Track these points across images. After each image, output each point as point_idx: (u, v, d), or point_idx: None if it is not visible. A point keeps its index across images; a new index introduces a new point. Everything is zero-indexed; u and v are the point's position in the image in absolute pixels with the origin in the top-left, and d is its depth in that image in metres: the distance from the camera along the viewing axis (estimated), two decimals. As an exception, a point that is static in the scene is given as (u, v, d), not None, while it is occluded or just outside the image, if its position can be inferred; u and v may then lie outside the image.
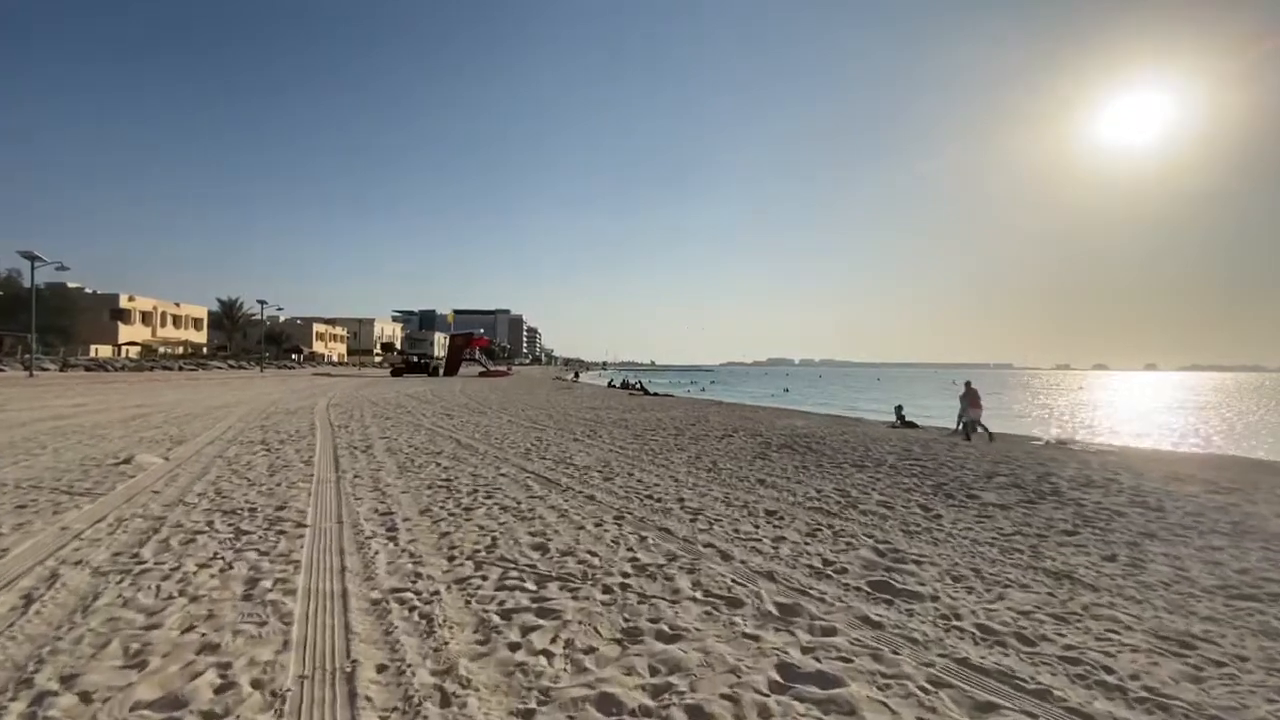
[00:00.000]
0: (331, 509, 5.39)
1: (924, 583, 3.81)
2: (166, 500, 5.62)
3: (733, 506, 5.76)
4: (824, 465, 8.57)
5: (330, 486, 6.36)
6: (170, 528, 4.71)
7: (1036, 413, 32.10)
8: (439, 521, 5.02)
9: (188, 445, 9.17)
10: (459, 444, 9.94)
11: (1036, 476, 8.05)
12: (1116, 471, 8.78)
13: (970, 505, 6.18)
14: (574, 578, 3.75)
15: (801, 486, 6.93)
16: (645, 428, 13.40)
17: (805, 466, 8.40)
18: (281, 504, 5.53)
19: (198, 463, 7.68)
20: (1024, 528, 5.30)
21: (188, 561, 3.93)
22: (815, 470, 8.13)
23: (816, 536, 4.81)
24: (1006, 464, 9.26)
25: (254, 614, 3.14)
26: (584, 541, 4.52)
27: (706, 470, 7.86)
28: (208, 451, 8.63)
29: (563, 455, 8.94)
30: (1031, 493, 6.92)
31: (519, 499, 5.89)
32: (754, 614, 3.25)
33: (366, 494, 6.03)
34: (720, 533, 4.84)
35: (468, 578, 3.72)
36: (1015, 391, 61.90)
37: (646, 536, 4.66)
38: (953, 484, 7.35)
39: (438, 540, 4.49)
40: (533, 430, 12.33)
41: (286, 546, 4.28)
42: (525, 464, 8.04)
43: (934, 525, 5.30)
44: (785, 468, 8.26)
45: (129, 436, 9.96)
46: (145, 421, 12.26)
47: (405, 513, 5.30)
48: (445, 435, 11.03)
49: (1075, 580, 3.95)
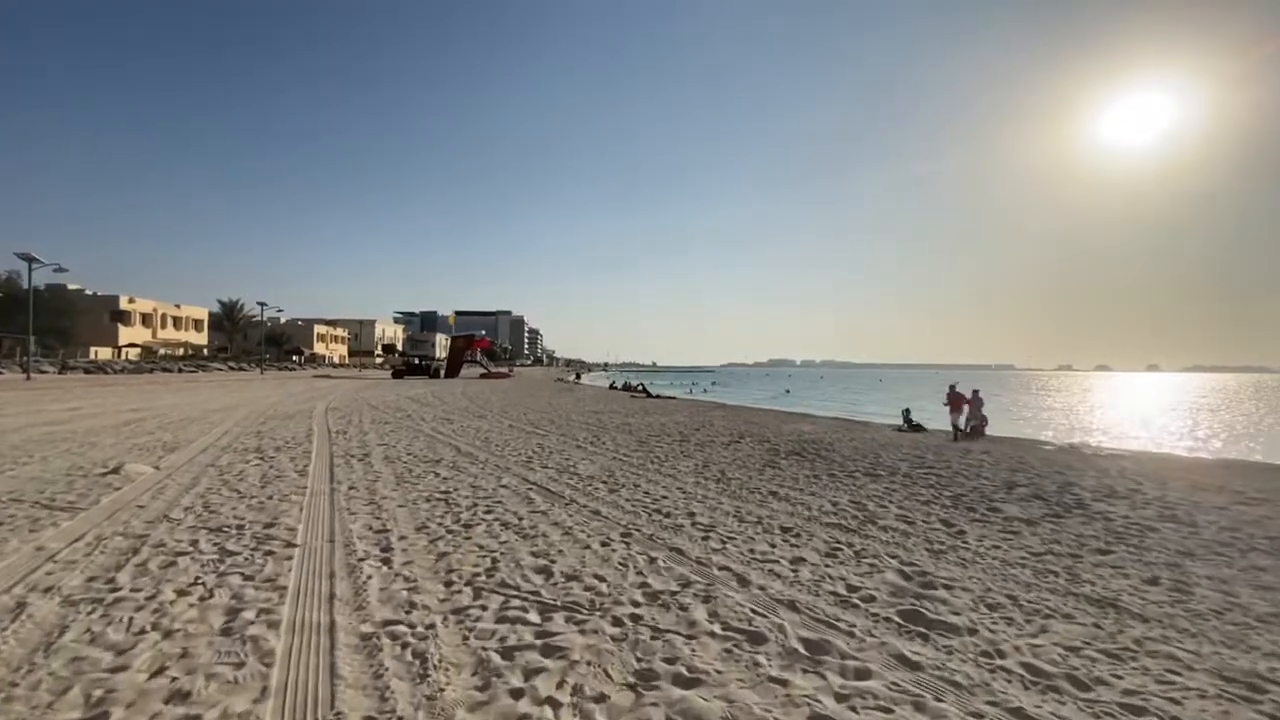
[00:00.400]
0: (324, 525, 5.12)
1: (958, 612, 3.53)
2: (151, 515, 5.36)
3: (745, 522, 5.48)
4: (836, 474, 8.29)
5: (324, 499, 6.09)
6: (151, 548, 4.44)
7: (1042, 416, 31.79)
8: (436, 540, 4.75)
9: (180, 453, 8.90)
10: (459, 451, 9.67)
11: (1057, 486, 7.76)
12: (1138, 481, 8.48)
13: (993, 520, 5.90)
14: (581, 607, 3.48)
15: (815, 499, 6.65)
16: (649, 433, 13.12)
17: (817, 476, 8.11)
18: (272, 520, 5.26)
19: (188, 472, 7.41)
20: (1054, 546, 5.02)
21: (166, 588, 3.66)
22: (828, 480, 7.85)
23: (837, 557, 4.53)
24: (1023, 472, 8.97)
25: (232, 653, 2.87)
26: (590, 563, 4.24)
27: (715, 480, 7.58)
28: (200, 460, 8.37)
29: (566, 464, 8.66)
30: (1055, 505, 6.64)
31: (520, 514, 5.61)
32: (779, 652, 2.97)
33: (361, 508, 5.76)
34: (735, 553, 4.56)
35: (466, 608, 3.44)
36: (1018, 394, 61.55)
37: (656, 558, 4.38)
38: (972, 495, 7.07)
39: (435, 562, 4.22)
40: (534, 436, 12.06)
41: (273, 570, 4.00)
42: (527, 474, 7.77)
43: (959, 543, 5.01)
44: (796, 477, 7.97)
45: (121, 444, 9.70)
46: (139, 427, 12.00)
47: (401, 530, 5.02)
48: (445, 442, 10.76)
49: (1120, 609, 3.67)
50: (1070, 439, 19.57)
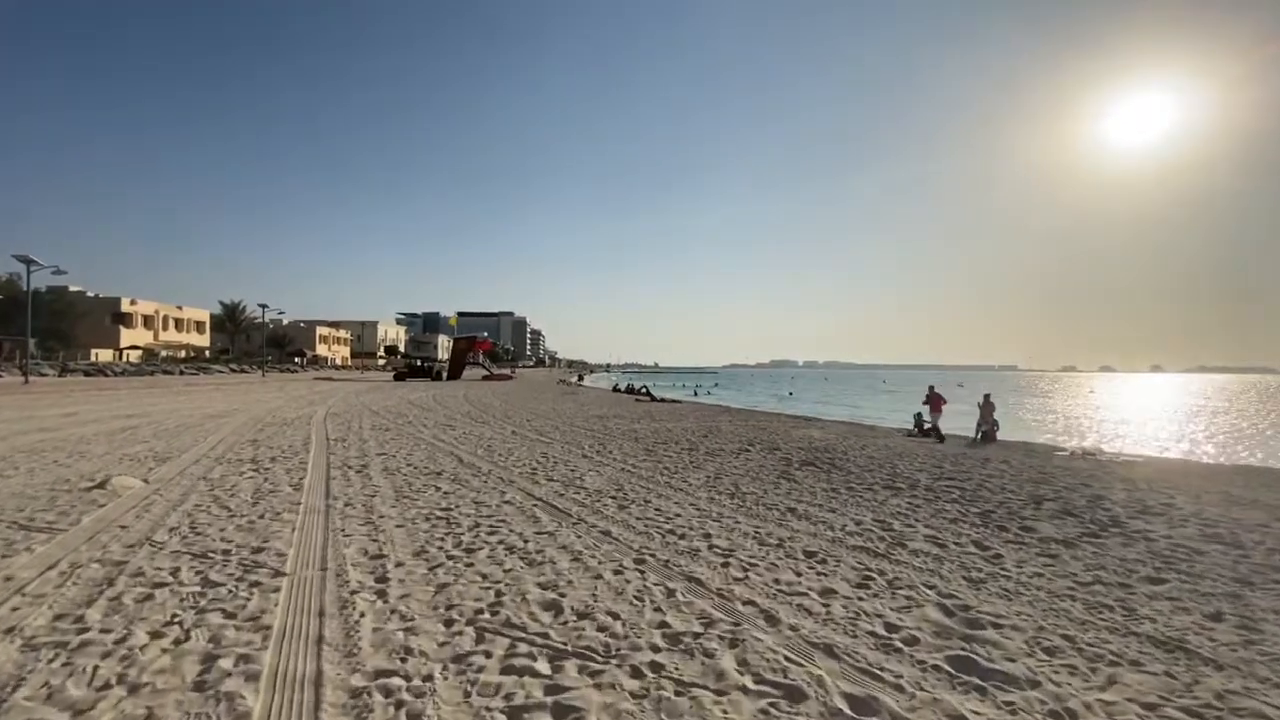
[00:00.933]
0: (316, 550, 4.78)
1: (1013, 657, 3.19)
2: (134, 538, 5.03)
3: (766, 546, 5.13)
4: (854, 488, 7.94)
5: (318, 518, 5.76)
6: (129, 578, 4.11)
7: (1049, 419, 31.38)
8: (436, 568, 4.41)
9: (172, 464, 8.59)
10: (460, 461, 9.33)
11: (1086, 501, 7.40)
12: (1168, 494, 8.12)
13: (1029, 541, 5.54)
14: (595, 653, 3.14)
15: (836, 516, 6.30)
16: (656, 440, 12.78)
17: (835, 490, 7.76)
18: (261, 543, 4.93)
19: (178, 487, 7.09)
20: (1099, 572, 4.66)
21: (139, 629, 3.32)
22: (846, 494, 7.50)
23: (869, 588, 4.19)
24: (1047, 484, 8.61)
25: (202, 715, 2.53)
26: (602, 597, 3.90)
27: (729, 495, 7.23)
28: (192, 471, 8.04)
29: (571, 476, 8.32)
30: (1089, 523, 6.28)
31: (526, 536, 5.27)
32: (821, 712, 2.63)
33: (357, 528, 5.43)
34: (758, 583, 4.21)
35: (467, 654, 3.10)
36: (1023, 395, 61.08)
37: (674, 590, 4.03)
38: (1000, 511, 6.71)
39: (434, 595, 3.88)
40: (538, 444, 11.72)
41: (258, 605, 3.67)
42: (532, 488, 7.43)
43: (997, 570, 4.66)
44: (814, 491, 7.62)
45: (111, 453, 9.40)
46: (133, 435, 11.70)
47: (398, 555, 4.69)
48: (446, 451, 10.43)
49: (1191, 653, 3.32)
50: (1083, 444, 19.21)
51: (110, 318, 57.17)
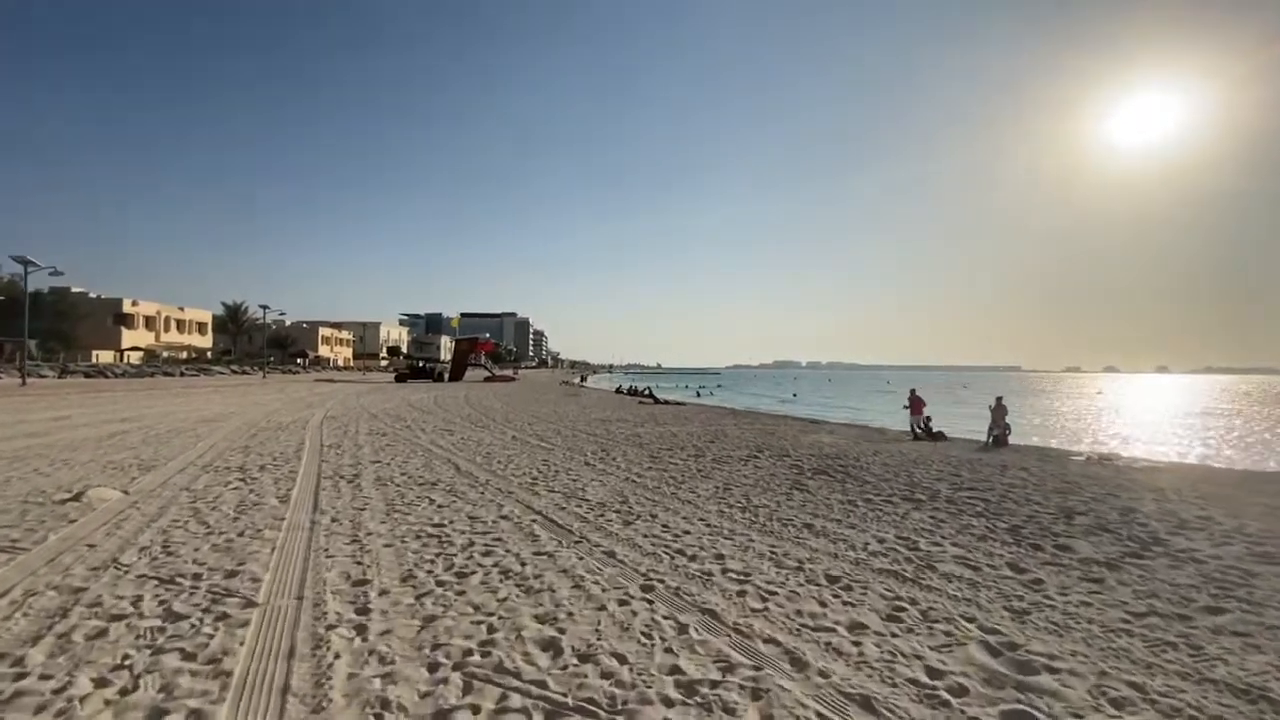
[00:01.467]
0: (294, 574, 4.39)
1: (1079, 712, 2.78)
2: (99, 559, 4.65)
3: (784, 569, 4.72)
4: (871, 499, 7.52)
5: (301, 536, 5.37)
6: (85, 608, 3.73)
7: (1058, 422, 30.87)
8: (423, 596, 4.01)
9: (156, 473, 8.22)
10: (457, 470, 8.94)
11: (1119, 514, 6.97)
12: (1201, 505, 7.68)
13: (1067, 562, 5.12)
14: (598, 708, 2.73)
15: (856, 533, 5.89)
16: (661, 446, 12.37)
17: (851, 502, 7.35)
18: (236, 565, 4.54)
19: (158, 499, 6.72)
20: (1152, 601, 4.24)
21: (82, 675, 2.94)
22: (864, 506, 7.09)
23: (902, 621, 3.78)
24: (1073, 494, 8.18)
25: (134, 795, 2.14)
26: (607, 634, 3.49)
27: (741, 509, 6.82)
28: (176, 481, 7.67)
29: (573, 486, 7.92)
30: (1128, 540, 5.85)
31: (523, 556, 4.87)
32: (866, 791, 2.22)
33: (342, 548, 5.04)
34: (779, 615, 3.80)
35: (452, 710, 2.70)
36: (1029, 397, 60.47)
37: (687, 624, 3.63)
38: (1030, 526, 6.29)
39: (419, 632, 3.48)
40: (539, 450, 11.33)
41: (222, 643, 3.28)
42: (531, 499, 7.03)
43: (1040, 598, 4.25)
44: (829, 504, 7.21)
45: (96, 461, 9.03)
46: (122, 440, 11.34)
47: (384, 580, 4.29)
48: (443, 458, 10.04)
49: (1275, 703, 2.91)
50: (1097, 448, 18.75)
51: (112, 319, 56.96)
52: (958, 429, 20.02)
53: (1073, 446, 19.01)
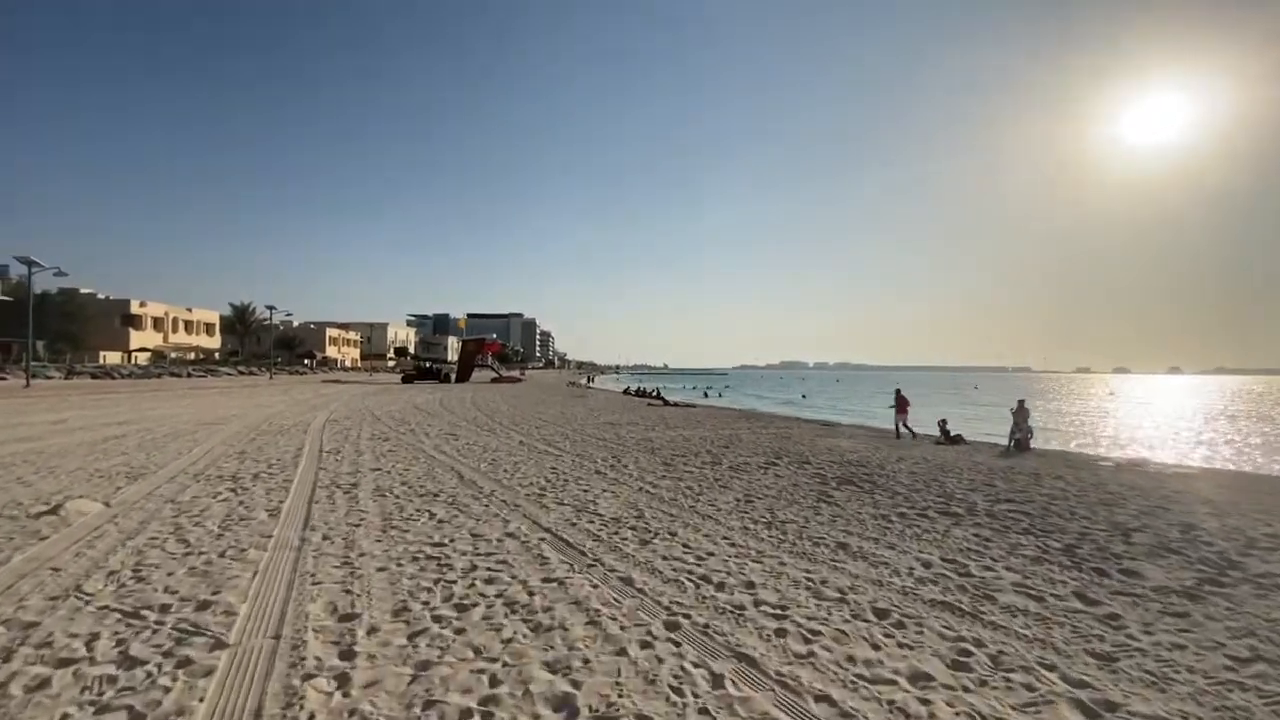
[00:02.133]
0: (274, 606, 3.91)
1: (1216, 804, 2.24)
2: (61, 586, 4.19)
3: (825, 600, 4.19)
4: (905, 513, 6.98)
5: (287, 558, 4.89)
6: (31, 650, 3.26)
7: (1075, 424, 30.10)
8: (418, 636, 3.51)
9: (144, 482, 7.78)
10: (460, 479, 8.46)
11: (1179, 531, 6.40)
12: (1266, 520, 7.09)
13: (1141, 591, 4.56)
14: (624, 796, 2.23)
15: (897, 554, 5.35)
16: (674, 452, 11.85)
17: (885, 517, 6.80)
18: (211, 594, 4.07)
19: (140, 512, 6.27)
20: (1251, 641, 3.69)
21: (6, 743, 2.46)
22: (899, 522, 6.54)
23: (970, 669, 3.24)
24: (1119, 506, 7.61)
25: None
26: (630, 687, 2.98)
27: (766, 525, 6.29)
28: (163, 492, 7.23)
29: (584, 498, 7.41)
30: (1198, 563, 5.28)
31: (531, 584, 4.37)
32: None
33: (331, 572, 4.55)
34: (828, 663, 3.28)
35: (445, 799, 2.20)
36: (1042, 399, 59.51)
37: (722, 676, 3.11)
38: (1085, 546, 5.73)
39: (409, 684, 2.98)
40: (547, 457, 10.83)
41: (178, 699, 2.80)
42: (539, 514, 6.53)
43: (1122, 638, 3.70)
44: (861, 519, 6.67)
45: (84, 469, 8.61)
46: (116, 445, 10.94)
47: (374, 614, 3.80)
48: (446, 465, 9.56)
49: None
50: (1123, 452, 18.12)
51: (120, 320, 56.96)
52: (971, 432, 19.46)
53: (1096, 451, 18.38)
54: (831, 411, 33.33)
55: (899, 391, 18.34)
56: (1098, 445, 20.87)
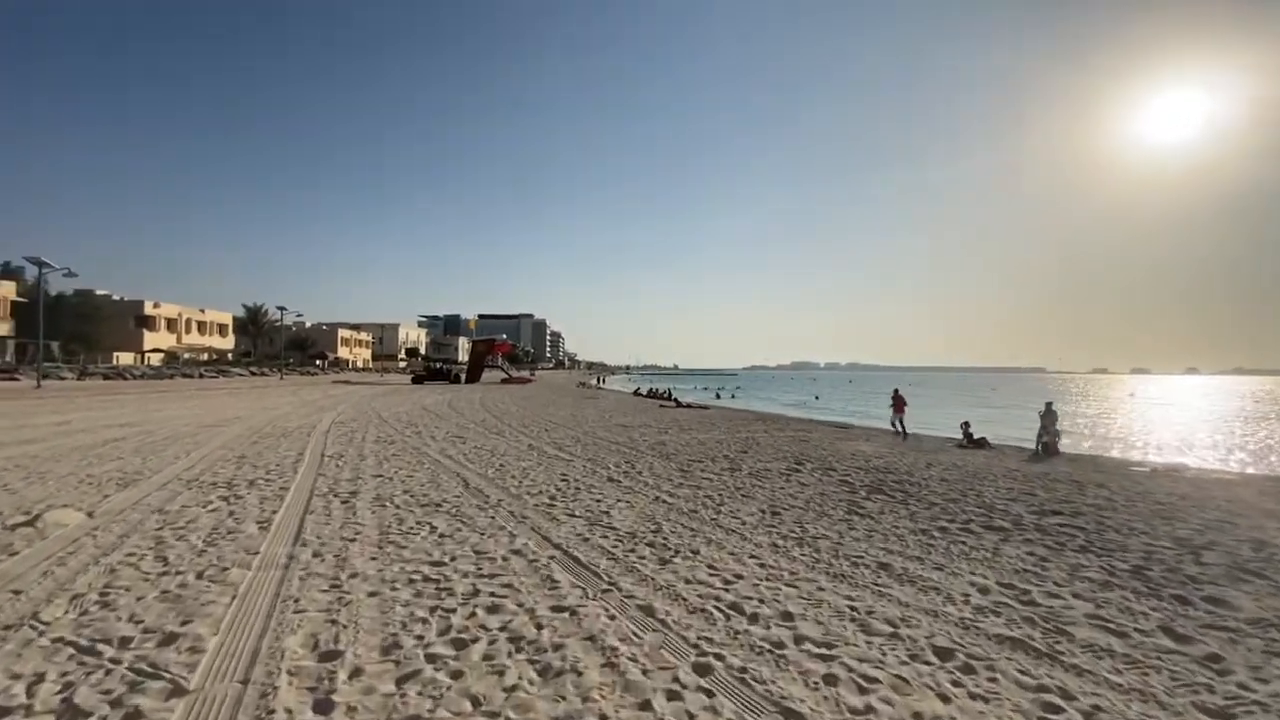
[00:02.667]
0: (248, 639, 3.44)
1: None
2: (17, 613, 3.74)
3: (875, 635, 3.66)
4: (947, 527, 6.41)
5: (272, 578, 4.43)
6: (-40, 697, 2.81)
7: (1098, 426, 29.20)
8: (408, 680, 3.03)
9: (134, 489, 7.38)
10: (466, 486, 7.99)
11: (1252, 549, 5.80)
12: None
13: (1235, 625, 3.99)
14: None
15: (946, 576, 4.80)
16: (690, 456, 11.32)
17: (925, 531, 6.24)
18: (180, 624, 3.61)
19: (123, 524, 5.84)
20: (1388, 693, 3.12)
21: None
22: (941, 537, 5.99)
23: (1065, 731, 2.71)
24: (1178, 518, 7.02)
25: None
26: (657, 755, 2.48)
27: (796, 541, 5.75)
28: (151, 500, 6.82)
29: (597, 508, 6.92)
30: (1288, 588, 4.70)
31: (539, 613, 3.87)
32: None
33: (317, 597, 4.09)
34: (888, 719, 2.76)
35: None
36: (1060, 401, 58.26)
37: (768, 739, 2.60)
38: (1155, 568, 5.15)
39: (393, 749, 2.50)
40: (558, 462, 10.35)
41: (116, 767, 2.33)
42: (550, 527, 6.04)
43: (1234, 688, 3.14)
44: (899, 533, 6.12)
45: (75, 474, 8.23)
46: (114, 449, 10.59)
47: (359, 652, 3.32)
48: (451, 471, 9.10)
49: None
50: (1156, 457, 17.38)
51: (134, 321, 57.23)
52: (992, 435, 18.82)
53: (1126, 455, 17.66)
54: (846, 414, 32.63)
55: (896, 391, 19.76)
56: (1126, 449, 20.12)
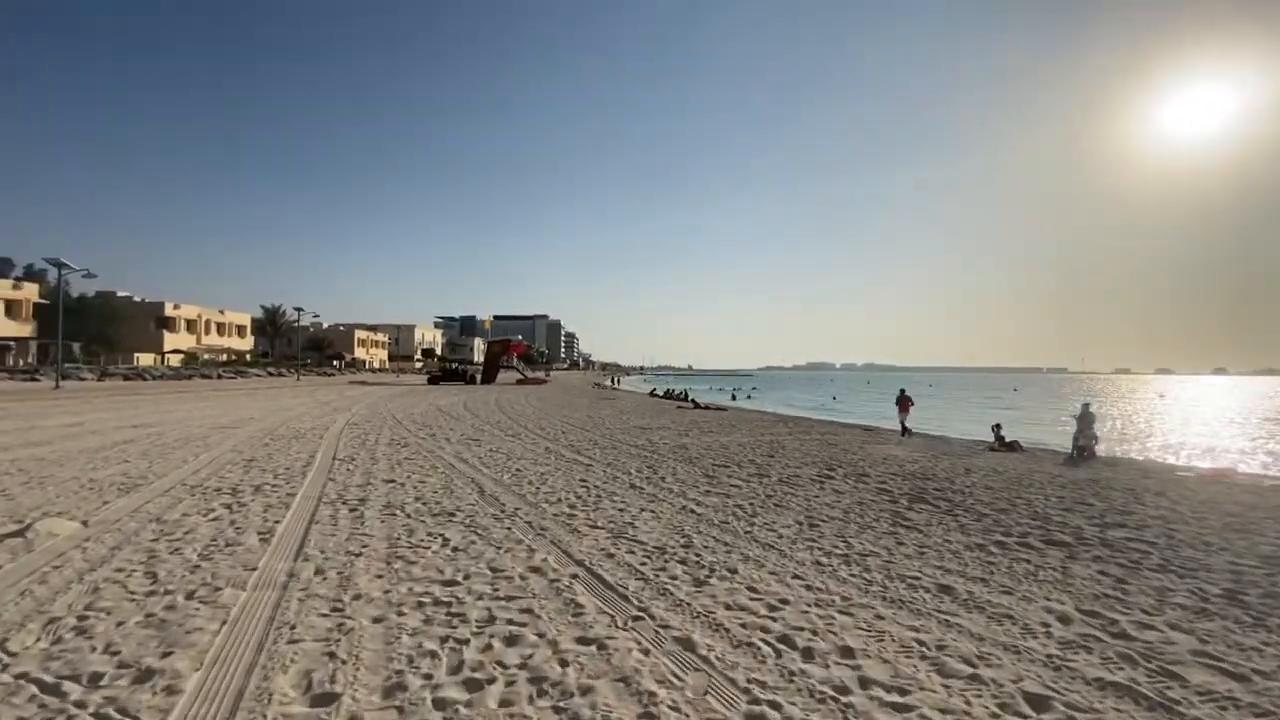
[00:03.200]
0: (234, 676, 3.01)
1: None
2: (-18, 641, 3.36)
3: (952, 677, 3.14)
4: (1004, 542, 5.86)
5: (268, 599, 4.01)
6: (-106, 750, 2.41)
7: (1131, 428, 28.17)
8: (412, 735, 2.58)
9: (135, 495, 7.05)
10: (481, 494, 7.57)
11: (1354, 569, 5.19)
12: None
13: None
14: None
15: (1017, 601, 4.26)
16: (714, 461, 10.82)
17: (980, 546, 5.69)
18: (159, 659, 3.19)
19: (118, 534, 5.49)
20: None
21: None
22: (1000, 554, 5.43)
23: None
24: (1256, 534, 6.40)
25: None
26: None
27: (841, 558, 5.23)
28: (152, 507, 6.47)
29: (620, 519, 6.45)
30: None
31: (563, 649, 3.40)
32: None
33: (315, 623, 3.65)
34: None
35: None
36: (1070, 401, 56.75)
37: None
38: (1253, 594, 4.57)
39: (391, 833, 2.04)
40: (576, 467, 9.91)
41: None
42: (570, 541, 5.58)
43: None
44: (955, 549, 5.57)
45: (78, 479, 7.94)
46: (121, 451, 10.33)
47: (358, 693, 2.88)
48: (466, 477, 8.69)
49: None
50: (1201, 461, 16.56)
51: (154, 322, 57.86)
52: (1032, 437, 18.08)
53: (1167, 459, 16.86)
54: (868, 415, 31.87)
55: (903, 391, 19.90)
56: (1164, 452, 19.27)
